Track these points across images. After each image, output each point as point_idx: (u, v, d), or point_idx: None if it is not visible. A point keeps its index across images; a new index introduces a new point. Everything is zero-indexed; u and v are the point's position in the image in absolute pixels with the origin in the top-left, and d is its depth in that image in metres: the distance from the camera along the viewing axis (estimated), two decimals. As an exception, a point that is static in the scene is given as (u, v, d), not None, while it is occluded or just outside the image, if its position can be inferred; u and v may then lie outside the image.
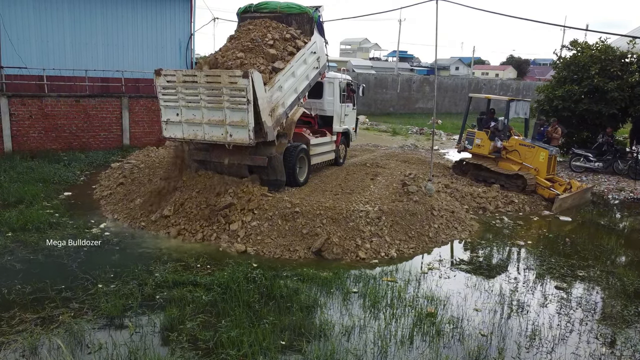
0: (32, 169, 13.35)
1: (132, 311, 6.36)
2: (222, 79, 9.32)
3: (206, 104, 9.64)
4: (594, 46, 17.83)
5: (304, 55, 11.16)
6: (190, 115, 9.89)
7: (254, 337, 5.62)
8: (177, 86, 9.81)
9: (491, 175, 13.98)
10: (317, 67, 11.92)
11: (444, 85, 40.65)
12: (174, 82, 9.85)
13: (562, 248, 9.92)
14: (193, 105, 9.80)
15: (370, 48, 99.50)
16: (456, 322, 6.52)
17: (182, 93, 9.80)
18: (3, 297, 6.61)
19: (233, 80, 9.19)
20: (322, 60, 12.16)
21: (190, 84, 9.68)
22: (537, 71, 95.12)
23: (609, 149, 16.85)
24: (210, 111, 9.68)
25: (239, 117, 9.40)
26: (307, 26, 11.81)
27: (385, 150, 19.03)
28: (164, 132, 10.31)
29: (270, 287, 7.07)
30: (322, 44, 12.20)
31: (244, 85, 9.09)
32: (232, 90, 9.26)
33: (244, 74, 9.08)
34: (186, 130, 10.01)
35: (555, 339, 6.29)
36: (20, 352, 5.38)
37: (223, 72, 9.46)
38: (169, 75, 9.96)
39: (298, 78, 11.13)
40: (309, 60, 11.51)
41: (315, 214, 9.41)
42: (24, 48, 15.84)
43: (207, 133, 9.82)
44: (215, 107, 9.59)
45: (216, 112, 9.63)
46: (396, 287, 7.44)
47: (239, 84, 9.14)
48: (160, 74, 10.01)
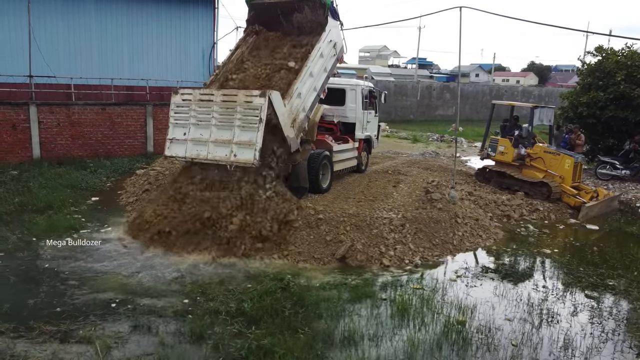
0: (60, 175, 13.64)
1: (162, 320, 6.42)
2: (238, 98, 9.30)
3: (216, 122, 9.48)
4: (620, 52, 17.57)
5: (320, 49, 10.85)
6: (197, 134, 9.66)
7: (286, 346, 5.63)
8: (191, 104, 9.75)
9: (515, 183, 13.82)
10: (334, 55, 11.62)
11: (465, 92, 40.39)
12: (189, 101, 9.81)
13: (590, 257, 9.75)
14: (202, 124, 9.63)
15: (389, 55, 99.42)
16: (486, 331, 6.45)
17: (195, 111, 9.69)
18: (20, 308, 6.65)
19: (249, 99, 9.17)
20: (339, 45, 11.79)
21: (205, 102, 9.64)
22: (559, 77, 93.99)
23: (636, 156, 16.52)
24: (219, 130, 9.46)
25: (248, 137, 9.16)
26: (320, 11, 11.26)
27: (407, 158, 18.97)
28: (167, 150, 10.05)
29: (299, 294, 7.09)
30: (338, 29, 11.76)
31: (259, 104, 9.03)
32: (247, 109, 9.17)
33: (262, 93, 9.08)
34: (190, 149, 9.70)
35: (589, 349, 6.18)
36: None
37: (240, 91, 9.47)
38: (186, 94, 9.95)
39: (316, 75, 10.91)
40: (326, 52, 11.16)
41: (339, 220, 9.42)
42: (52, 58, 16.23)
43: (211, 152, 9.48)
44: (225, 125, 9.42)
45: (225, 132, 9.41)
46: (424, 294, 7.40)
47: (254, 103, 9.10)
48: (177, 92, 10.03)
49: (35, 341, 5.72)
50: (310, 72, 10.66)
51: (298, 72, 10.44)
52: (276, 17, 11.76)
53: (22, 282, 7.37)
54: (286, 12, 11.61)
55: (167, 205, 9.61)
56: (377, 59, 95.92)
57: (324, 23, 11.17)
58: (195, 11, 18.92)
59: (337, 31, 11.70)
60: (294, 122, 10.19)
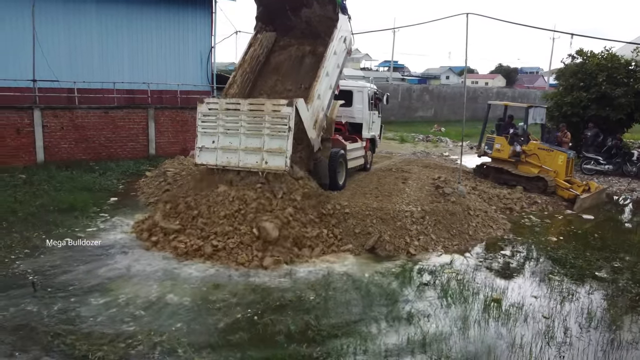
0: (71, 179, 13.76)
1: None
2: (265, 107, 9.53)
3: (245, 130, 9.66)
4: (600, 55, 18.76)
5: (333, 47, 11.03)
6: (227, 143, 9.81)
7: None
8: (218, 113, 9.90)
9: (512, 178, 14.68)
10: (345, 49, 11.87)
11: (443, 93, 41.59)
12: (216, 110, 9.94)
13: (593, 243, 10.60)
14: (232, 132, 9.79)
15: (361, 58, 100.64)
16: (519, 306, 7.13)
17: (223, 120, 9.85)
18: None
19: (277, 108, 9.42)
20: (349, 38, 12.02)
21: (232, 112, 9.81)
22: (526, 79, 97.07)
23: (618, 152, 17.69)
24: (248, 138, 9.65)
25: (277, 144, 9.43)
26: (329, 6, 11.44)
27: (401, 157, 19.68)
28: (197, 158, 10.15)
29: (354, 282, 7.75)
30: (347, 22, 11.89)
31: (287, 114, 9.30)
32: (274, 117, 9.41)
33: (289, 102, 9.38)
34: (220, 157, 9.86)
35: (610, 320, 6.93)
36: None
37: (267, 101, 9.77)
38: (212, 103, 10.09)
39: (331, 74, 11.18)
40: (339, 49, 11.39)
41: (365, 214, 9.98)
42: (55, 62, 16.26)
43: (242, 160, 9.68)
44: (254, 134, 9.62)
45: (254, 140, 9.61)
46: (458, 278, 8.05)
47: (282, 112, 9.36)
48: (203, 101, 10.13)
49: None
50: (327, 72, 10.94)
51: (315, 73, 10.77)
52: (284, 12, 11.93)
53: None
54: (294, 7, 11.78)
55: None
56: (349, 62, 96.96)
57: (335, 19, 11.32)
58: (193, 16, 19.18)
59: (346, 25, 11.86)
60: (316, 123, 10.64)
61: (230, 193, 9.45)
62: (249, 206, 9.17)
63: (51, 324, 6.13)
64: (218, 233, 8.78)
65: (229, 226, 8.88)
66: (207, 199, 9.56)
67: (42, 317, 6.27)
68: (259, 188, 9.49)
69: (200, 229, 9.00)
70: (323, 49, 11.19)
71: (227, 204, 9.28)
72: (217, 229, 8.84)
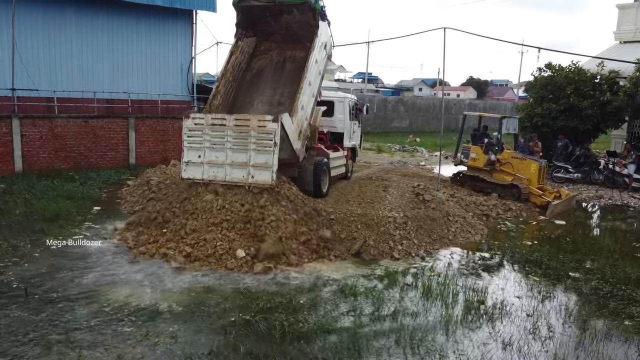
0: (52, 188, 13.67)
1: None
2: (251, 123, 9.71)
3: (231, 145, 9.83)
4: (567, 68, 19.66)
5: (314, 57, 11.15)
6: (213, 157, 9.97)
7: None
8: (204, 128, 10.02)
9: (487, 186, 15.23)
10: (326, 55, 12.04)
11: (418, 105, 42.50)
12: (202, 125, 10.06)
13: (565, 246, 11.13)
14: (218, 147, 9.95)
15: (336, 70, 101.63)
16: (503, 306, 7.50)
17: (209, 135, 9.99)
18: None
19: (262, 124, 9.62)
20: (329, 44, 12.18)
21: (218, 127, 9.94)
22: (496, 91, 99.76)
23: (586, 161, 18.50)
24: (235, 153, 9.81)
25: (264, 159, 9.62)
26: (309, 14, 11.55)
27: (379, 166, 20.13)
28: (183, 173, 10.25)
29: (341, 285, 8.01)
30: (327, 28, 12.05)
31: (273, 129, 9.51)
32: (260, 133, 9.61)
33: (274, 118, 9.58)
34: (207, 171, 9.98)
35: (587, 315, 7.38)
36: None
37: (253, 117, 9.95)
38: (197, 119, 10.18)
39: (314, 82, 11.35)
40: (320, 57, 11.53)
41: (350, 220, 10.30)
42: (35, 71, 16.19)
43: (229, 174, 9.83)
44: (240, 149, 9.77)
45: (240, 154, 9.78)
46: (439, 280, 8.39)
47: (267, 127, 9.56)
48: (188, 116, 10.23)
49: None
50: (309, 81, 11.17)
51: (297, 85, 10.95)
52: (264, 19, 12.09)
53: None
54: (274, 13, 11.91)
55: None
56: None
57: (315, 27, 11.51)
58: (174, 27, 19.31)
59: (326, 31, 12.07)
60: (300, 133, 10.92)
61: (217, 201, 9.61)
62: (238, 214, 9.34)
63: (44, 327, 6.20)
64: (208, 239, 8.93)
65: (219, 233, 9.04)
66: (194, 206, 9.70)
67: (35, 323, 6.32)
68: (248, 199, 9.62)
69: (189, 235, 9.13)
70: (304, 54, 11.41)
71: (215, 211, 9.44)
72: (207, 236, 8.98)
